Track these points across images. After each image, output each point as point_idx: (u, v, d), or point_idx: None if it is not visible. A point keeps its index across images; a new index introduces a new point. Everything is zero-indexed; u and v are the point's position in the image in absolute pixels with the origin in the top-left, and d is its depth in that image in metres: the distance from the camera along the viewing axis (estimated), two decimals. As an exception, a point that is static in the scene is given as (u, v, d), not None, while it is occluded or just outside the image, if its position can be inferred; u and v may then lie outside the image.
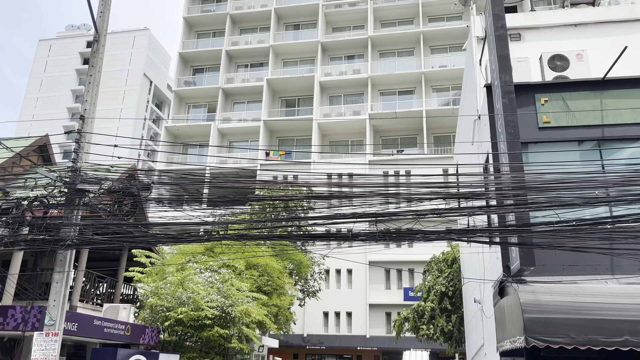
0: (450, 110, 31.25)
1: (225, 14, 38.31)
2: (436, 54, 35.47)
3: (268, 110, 35.01)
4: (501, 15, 8.56)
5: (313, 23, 38.03)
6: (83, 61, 61.22)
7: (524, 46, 10.81)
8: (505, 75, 8.05)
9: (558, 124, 8.25)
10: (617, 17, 10.74)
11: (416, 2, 35.99)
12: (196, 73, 38.93)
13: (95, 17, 8.51)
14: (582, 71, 9.16)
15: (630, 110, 7.98)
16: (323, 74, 35.44)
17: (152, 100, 63.21)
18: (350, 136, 34.30)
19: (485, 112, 9.20)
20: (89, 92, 8.11)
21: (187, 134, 36.18)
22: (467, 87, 13.17)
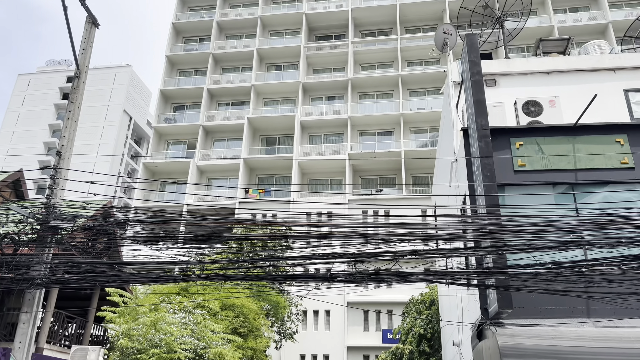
0: (428, 151, 31.76)
1: (208, 53, 38.80)
2: (414, 97, 36.30)
3: (248, 148, 35.10)
4: (477, 61, 8.84)
5: (295, 64, 38.72)
6: (62, 96, 60.97)
7: (499, 91, 11.14)
8: (482, 120, 8.25)
9: (533, 167, 8.44)
10: (587, 66, 11.19)
11: (395, 47, 37.02)
12: (177, 110, 39.02)
13: (78, 53, 8.52)
14: (554, 117, 9.45)
15: (602, 155, 8.21)
16: (304, 114, 35.86)
17: (131, 136, 62.92)
18: (330, 175, 34.48)
19: (462, 154, 9.37)
20: (67, 128, 8.04)
21: (165, 170, 35.92)
22: (445, 130, 13.44)
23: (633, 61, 11.12)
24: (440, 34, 13.34)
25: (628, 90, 10.67)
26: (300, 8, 39.73)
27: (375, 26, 39.62)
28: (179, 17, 41.44)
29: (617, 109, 10.51)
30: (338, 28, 39.74)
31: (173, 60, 39.83)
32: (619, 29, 33.41)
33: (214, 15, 40.59)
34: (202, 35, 40.99)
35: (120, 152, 59.36)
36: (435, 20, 38.75)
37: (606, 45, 12.51)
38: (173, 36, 40.66)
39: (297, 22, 39.62)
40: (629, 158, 8.11)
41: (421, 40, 37.08)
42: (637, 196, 7.87)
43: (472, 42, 8.97)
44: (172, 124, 37.27)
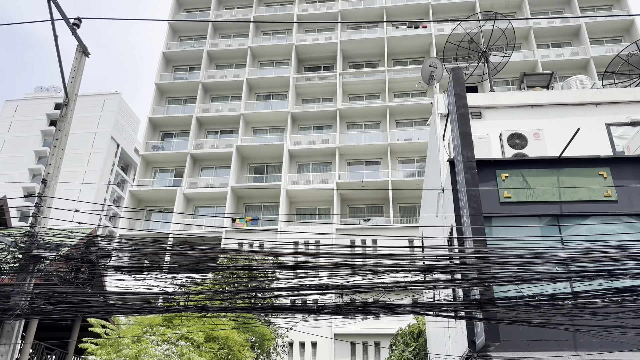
0: (415, 181, 31.97)
1: (198, 82, 39.08)
2: (401, 127, 36.72)
3: (236, 176, 35.06)
4: (462, 95, 9.01)
5: (284, 94, 39.11)
6: (49, 122, 60.73)
7: (485, 124, 11.33)
8: (467, 152, 8.35)
9: (518, 199, 8.52)
10: (570, 100, 11.46)
11: (383, 79, 37.62)
12: (165, 138, 39.00)
13: (67, 82, 8.55)
14: (539, 149, 9.60)
15: (586, 188, 8.33)
16: (292, 143, 36.04)
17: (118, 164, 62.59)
18: (317, 204, 34.46)
19: (448, 185, 9.45)
20: (54, 156, 7.99)
21: (152, 198, 35.66)
22: (431, 161, 13.57)
23: (614, 96, 11.41)
24: (426, 67, 13.61)
25: (610, 124, 10.92)
26: (290, 40, 40.36)
27: (364, 58, 40.32)
28: (169, 46, 41.83)
29: (600, 142, 10.73)
30: (327, 59, 40.37)
31: (162, 89, 40.02)
32: (600, 64, 34.36)
33: (204, 45, 41.04)
34: (192, 64, 41.36)
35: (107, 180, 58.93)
36: (422, 53, 39.55)
37: (588, 81, 12.84)
38: (163, 65, 40.96)
39: (286, 53, 40.19)
40: (612, 191, 8.24)
41: (408, 73, 37.75)
42: (621, 229, 7.97)
43: (458, 76, 9.16)
44: (160, 152, 37.19)
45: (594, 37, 37.83)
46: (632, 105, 11.32)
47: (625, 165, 8.51)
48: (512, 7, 40.10)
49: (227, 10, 43.74)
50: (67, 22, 8.19)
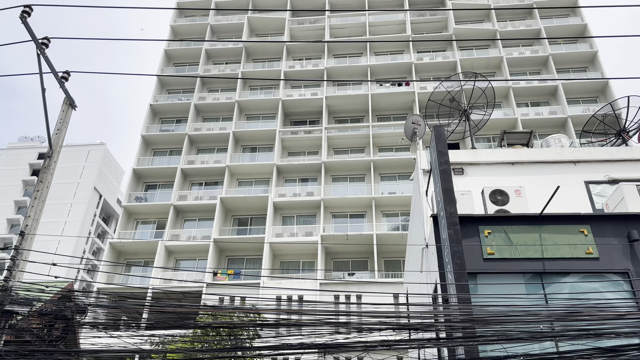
0: (399, 235, 31.94)
1: (184, 134, 39.32)
2: (386, 181, 37.07)
3: (219, 228, 34.72)
4: (444, 151, 9.19)
5: (270, 146, 39.47)
6: (32, 172, 60.17)
7: (467, 180, 11.50)
8: (450, 207, 8.43)
9: (502, 255, 8.54)
10: (549, 158, 11.75)
11: (367, 134, 38.29)
12: (148, 189, 38.77)
13: (52, 133, 8.55)
14: (520, 206, 9.73)
15: (567, 245, 8.40)
16: (277, 195, 36.04)
17: (100, 215, 61.77)
18: (301, 257, 34.10)
19: (432, 241, 9.46)
20: (34, 208, 7.87)
21: (132, 250, 35.00)
22: (415, 215, 13.64)
23: (592, 155, 11.74)
24: (409, 124, 13.92)
25: (589, 182, 11.16)
26: (277, 95, 41.18)
27: (349, 114, 41.17)
28: (157, 99, 42.34)
29: (580, 200, 10.93)
30: (313, 114, 41.11)
31: (148, 140, 40.15)
32: (577, 123, 35.48)
33: (192, 99, 41.62)
34: (179, 116, 41.75)
35: (88, 231, 57.93)
36: (405, 109, 40.54)
37: (566, 139, 13.22)
38: (150, 117, 41.28)
39: (273, 107, 40.89)
40: (594, 248, 8.31)
41: (392, 128, 38.51)
42: (604, 286, 7.99)
43: (440, 133, 9.37)
44: (143, 203, 36.84)
45: (571, 97, 39.26)
46: (610, 164, 11.63)
47: (605, 223, 8.64)
48: (492, 67, 41.66)
49: (215, 66, 44.71)
50: (55, 75, 8.29)
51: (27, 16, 7.40)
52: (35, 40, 7.69)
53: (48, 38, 7.84)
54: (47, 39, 7.85)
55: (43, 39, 7.83)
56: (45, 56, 7.94)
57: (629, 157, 11.71)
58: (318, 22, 45.81)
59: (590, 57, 41.08)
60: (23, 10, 7.38)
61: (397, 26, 45.01)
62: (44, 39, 7.84)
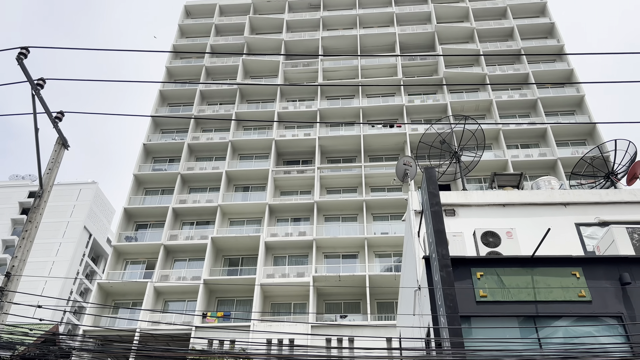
0: (392, 276, 31.67)
1: (176, 174, 39.30)
2: (378, 221, 37.01)
3: (210, 268, 34.26)
4: (436, 193, 9.24)
5: (262, 186, 39.48)
6: (21, 211, 59.58)
7: (459, 221, 11.52)
8: (442, 249, 8.41)
9: (494, 298, 8.47)
10: (540, 200, 11.83)
11: (359, 174, 38.49)
12: (139, 229, 38.40)
13: (43, 173, 8.53)
14: (512, 248, 9.73)
15: (560, 288, 8.36)
16: (269, 234, 35.80)
17: (89, 254, 60.91)
18: (293, 298, 33.58)
19: (424, 283, 9.38)
20: (21, 248, 7.76)
21: (120, 291, 34.35)
22: (408, 256, 13.57)
23: (581, 197, 11.84)
24: (401, 165, 14.04)
25: (579, 224, 11.22)
26: (270, 135, 41.52)
27: (341, 154, 41.51)
28: (150, 138, 42.53)
29: (571, 242, 10.95)
30: (306, 154, 41.38)
31: (140, 179, 40.07)
32: (567, 165, 35.94)
33: (185, 138, 41.86)
34: (172, 156, 41.86)
35: (76, 271, 56.96)
36: (396, 150, 40.96)
37: (556, 181, 13.35)
38: (143, 156, 41.35)
39: (266, 147, 41.16)
40: (586, 291, 8.28)
41: (384, 169, 38.77)
42: (597, 330, 7.91)
43: (431, 175, 9.44)
44: (133, 243, 36.40)
45: (560, 140, 39.90)
46: (600, 206, 11.72)
47: (597, 266, 8.64)
48: (482, 110, 42.44)
49: (210, 106, 45.22)
50: (49, 116, 8.34)
51: (24, 58, 7.51)
52: (30, 82, 7.77)
53: (43, 79, 7.93)
54: (42, 80, 7.94)
55: (38, 80, 7.92)
56: (40, 97, 8.02)
57: (618, 200, 11.82)
58: (311, 65, 46.77)
59: (577, 100, 42.01)
60: (20, 52, 7.49)
61: (389, 69, 46.02)
62: (40, 80, 7.93)
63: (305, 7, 52.34)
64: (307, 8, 52.24)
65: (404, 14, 49.82)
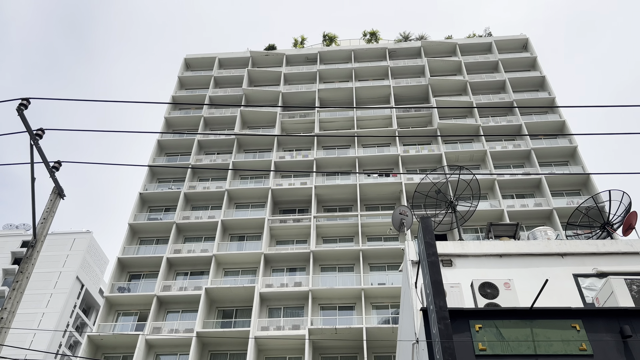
0: (390, 329, 31.01)
1: (172, 223, 39.10)
2: (375, 271, 36.60)
3: (203, 320, 33.51)
4: (432, 243, 9.19)
5: (258, 235, 39.23)
6: (13, 261, 58.75)
7: (456, 272, 11.41)
8: (440, 301, 8.28)
9: (494, 352, 8.27)
10: (536, 250, 11.77)
11: (356, 223, 38.40)
12: (132, 279, 37.80)
13: (37, 222, 8.47)
14: (510, 299, 9.60)
15: (561, 342, 8.19)
16: (264, 285, 35.26)
17: (80, 305, 59.65)
18: (288, 352, 32.69)
19: (422, 335, 9.18)
20: (11, 300, 7.61)
21: (111, 344, 33.41)
22: (405, 308, 13.34)
23: (578, 248, 11.80)
24: (397, 215, 14.04)
25: (577, 275, 11.12)
26: (267, 184, 41.68)
27: (337, 203, 41.54)
28: (147, 187, 42.59)
29: (569, 293, 10.82)
30: (302, 203, 41.41)
31: (135, 229, 39.82)
32: (562, 215, 35.99)
33: (182, 187, 41.93)
34: (168, 205, 41.79)
35: (66, 322, 55.56)
36: (393, 199, 41.05)
37: (552, 232, 13.34)
38: (139, 205, 41.27)
39: (262, 196, 41.21)
40: (587, 345, 8.10)
41: (380, 218, 38.73)
42: (601, 386, 7.69)
43: (427, 224, 9.43)
44: (125, 294, 35.72)
45: (555, 190, 40.16)
46: (597, 256, 11.66)
47: (597, 318, 8.50)
48: (476, 160, 42.91)
49: (207, 156, 45.58)
50: (47, 165, 8.38)
51: (24, 109, 7.62)
52: (30, 133, 7.85)
53: (43, 129, 8.02)
54: (41, 130, 8.03)
55: (37, 130, 8.01)
56: (38, 147, 8.08)
57: (616, 250, 11.78)
58: (308, 116, 47.57)
59: (570, 151, 42.59)
60: (20, 104, 7.60)
61: (384, 120, 46.83)
62: (39, 130, 8.01)
63: (303, 60, 53.79)
64: (304, 61, 53.68)
65: (398, 67, 51.19)
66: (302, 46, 56.50)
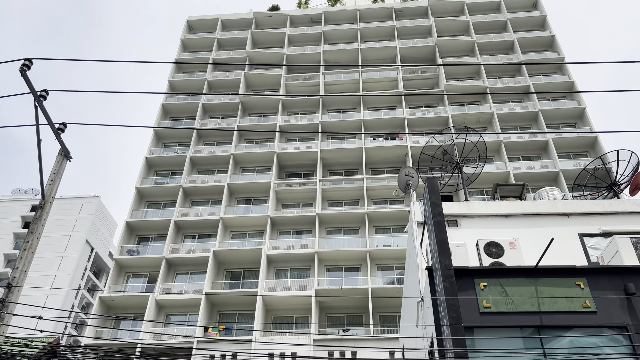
0: (394, 289, 31.48)
1: (178, 187, 39.33)
2: (380, 234, 36.89)
3: (211, 282, 34.11)
4: (438, 203, 9.21)
5: (264, 199, 39.47)
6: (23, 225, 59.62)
7: (461, 232, 11.47)
8: (445, 260, 8.36)
9: (498, 309, 8.40)
10: (542, 210, 11.78)
11: (361, 186, 38.47)
12: (141, 242, 38.34)
13: (45, 184, 8.53)
14: (515, 258, 9.67)
15: (564, 299, 8.29)
16: (271, 247, 35.70)
17: (91, 268, 60.78)
18: (295, 312, 33.37)
19: (427, 294, 9.32)
20: (22, 259, 7.74)
21: (122, 305, 34.19)
22: (410, 268, 13.50)
23: (584, 208, 11.79)
24: (402, 176, 14.02)
25: (582, 234, 11.16)
26: (272, 148, 41.61)
27: (343, 166, 41.52)
28: (152, 151, 42.65)
29: (574, 252, 10.88)
30: (307, 167, 41.42)
31: (142, 193, 40.11)
32: (569, 177, 35.87)
33: (187, 152, 41.95)
34: (174, 169, 41.94)
35: (77, 284, 56.77)
36: (398, 162, 40.96)
37: (558, 192, 13.31)
38: (145, 169, 41.43)
39: (268, 160, 41.23)
40: (591, 302, 8.20)
41: (386, 181, 38.75)
42: (603, 341, 7.82)
43: (433, 185, 9.43)
44: (134, 256, 36.32)
45: (561, 152, 39.88)
46: (603, 216, 11.66)
47: (601, 276, 8.57)
48: (483, 123, 42.51)
49: (212, 120, 45.41)
50: (52, 127, 8.37)
51: (27, 69, 7.56)
52: (34, 93, 7.82)
53: (47, 90, 7.98)
54: (45, 92, 7.99)
55: (41, 92, 7.97)
56: (42, 108, 8.05)
57: (622, 210, 11.77)
58: (313, 78, 47.00)
59: (578, 113, 42.07)
60: (23, 64, 7.54)
61: (390, 82, 46.23)
62: (43, 92, 7.97)
63: (307, 21, 52.76)
64: (309, 22, 52.66)
65: (405, 27, 50.17)
66: (307, 6, 55.37)
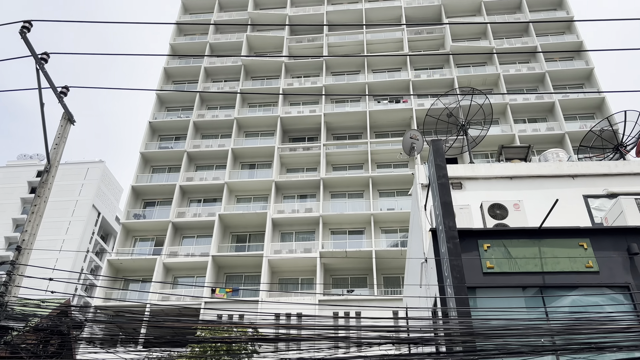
0: (398, 251, 31.81)
1: (183, 151, 39.38)
2: (384, 197, 37.03)
3: (217, 245, 34.56)
4: (443, 165, 9.19)
5: (268, 163, 39.52)
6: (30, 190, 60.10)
7: (466, 194, 11.49)
8: (449, 221, 8.40)
9: (501, 269, 8.49)
10: (547, 172, 11.75)
11: (365, 150, 38.40)
12: (147, 206, 38.67)
13: (50, 148, 8.55)
14: (519, 220, 9.71)
15: (567, 259, 8.36)
16: (276, 211, 35.97)
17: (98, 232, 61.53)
18: (300, 274, 33.90)
19: (431, 255, 9.41)
20: (31, 222, 7.84)
21: (130, 268, 34.78)
22: (414, 230, 13.60)
23: (590, 169, 11.75)
24: (407, 139, 13.96)
25: (587, 196, 11.16)
26: (276, 112, 41.37)
27: (347, 130, 41.32)
28: (156, 116, 42.49)
29: (578, 214, 10.91)
30: (311, 131, 41.25)
31: (147, 157, 40.19)
32: (575, 139, 35.63)
33: (191, 116, 41.78)
34: (178, 134, 41.86)
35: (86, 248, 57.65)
36: (403, 126, 40.70)
37: (564, 154, 13.24)
38: (149, 134, 41.38)
39: (272, 124, 41.04)
40: (593, 262, 8.27)
41: (390, 145, 38.61)
42: (604, 300, 7.93)
43: (438, 147, 9.38)
44: (141, 220, 36.72)
45: (568, 114, 39.47)
46: (608, 178, 11.64)
47: (605, 237, 8.61)
48: (489, 84, 41.96)
49: (214, 83, 44.99)
50: (54, 90, 8.32)
51: (27, 32, 7.46)
52: (34, 56, 7.74)
53: (47, 53, 7.89)
54: (46, 54, 7.90)
55: (42, 54, 7.88)
56: (44, 71, 7.99)
57: (627, 171, 11.73)
58: (316, 40, 46.24)
59: (586, 73, 41.42)
60: (22, 26, 7.44)
61: (395, 44, 45.45)
62: (43, 54, 7.89)
63: (310, -19, 51.48)
64: (312, -18, 51.37)
65: (410, -14, 48.93)
66: (310, -35, 53.83)
